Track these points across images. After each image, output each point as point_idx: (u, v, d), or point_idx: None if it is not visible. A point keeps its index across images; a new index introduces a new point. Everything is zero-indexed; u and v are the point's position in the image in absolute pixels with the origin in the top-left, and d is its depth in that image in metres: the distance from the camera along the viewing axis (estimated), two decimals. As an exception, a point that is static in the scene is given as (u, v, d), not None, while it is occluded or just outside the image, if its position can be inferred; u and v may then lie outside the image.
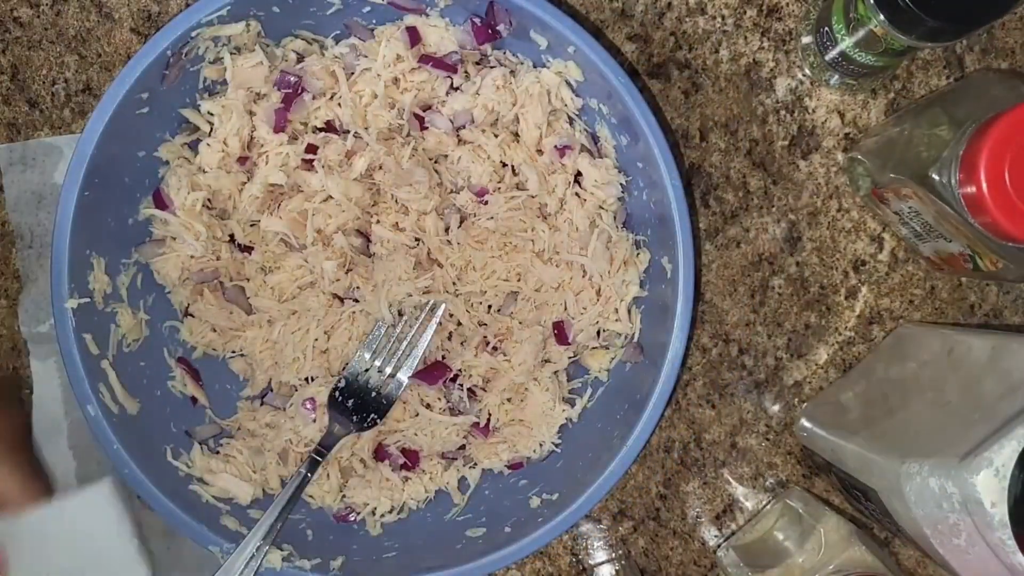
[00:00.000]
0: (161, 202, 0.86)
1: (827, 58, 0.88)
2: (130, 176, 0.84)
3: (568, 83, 0.85)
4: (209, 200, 0.87)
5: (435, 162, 0.88)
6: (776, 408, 0.94)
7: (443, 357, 0.88)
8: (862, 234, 0.93)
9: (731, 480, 0.94)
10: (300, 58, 0.86)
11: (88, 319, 0.81)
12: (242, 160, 0.87)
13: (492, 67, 0.87)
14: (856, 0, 0.79)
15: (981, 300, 0.93)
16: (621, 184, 0.87)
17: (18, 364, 0.96)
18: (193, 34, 0.80)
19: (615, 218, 0.88)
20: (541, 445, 0.90)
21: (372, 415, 0.87)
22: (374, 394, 0.87)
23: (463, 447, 0.91)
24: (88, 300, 0.81)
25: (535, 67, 0.86)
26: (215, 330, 0.89)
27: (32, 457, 0.88)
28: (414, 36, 0.86)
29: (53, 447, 0.95)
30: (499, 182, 0.87)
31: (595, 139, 0.88)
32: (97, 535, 0.86)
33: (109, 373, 0.82)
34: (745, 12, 0.93)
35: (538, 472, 0.89)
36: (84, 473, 0.95)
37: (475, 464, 0.91)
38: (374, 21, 0.86)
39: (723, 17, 0.93)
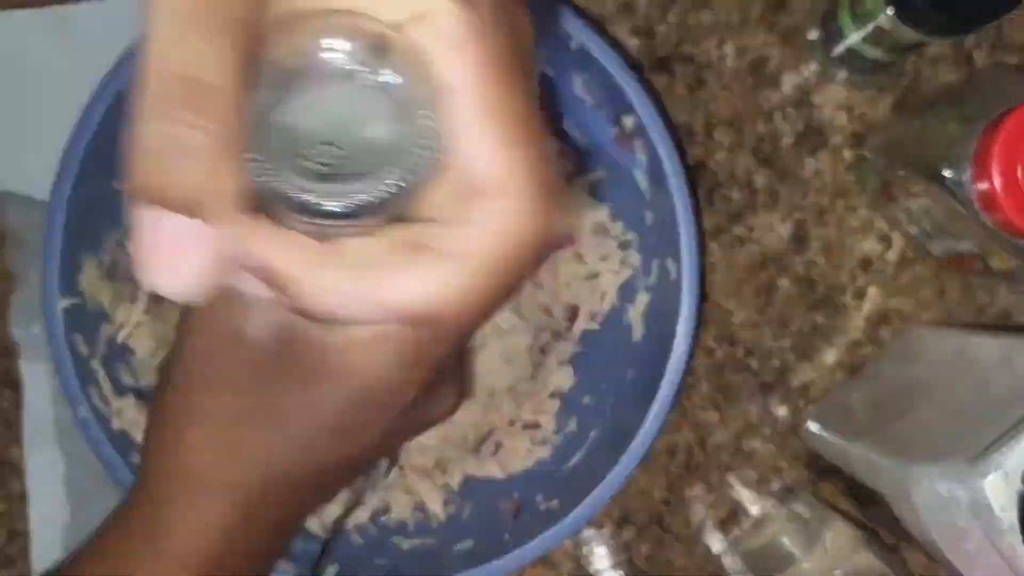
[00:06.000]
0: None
1: (834, 53, 0.87)
2: (123, 174, 0.83)
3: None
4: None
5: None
6: (783, 411, 0.93)
7: None
8: (870, 233, 0.92)
9: (736, 484, 0.93)
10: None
11: (79, 320, 0.80)
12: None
13: None
14: (864, -6, 0.79)
15: (991, 301, 0.92)
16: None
17: (8, 365, 0.95)
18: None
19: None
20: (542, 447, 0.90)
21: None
22: None
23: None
24: (79, 300, 0.80)
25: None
26: None
27: None
28: None
29: (43, 449, 0.95)
30: None
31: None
32: None
33: (99, 373, 0.81)
34: (751, 6, 0.92)
35: (539, 478, 0.88)
36: (73, 475, 0.94)
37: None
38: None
39: (728, 11, 0.92)
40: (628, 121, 0.81)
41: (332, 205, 0.39)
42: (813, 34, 0.90)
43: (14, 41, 0.93)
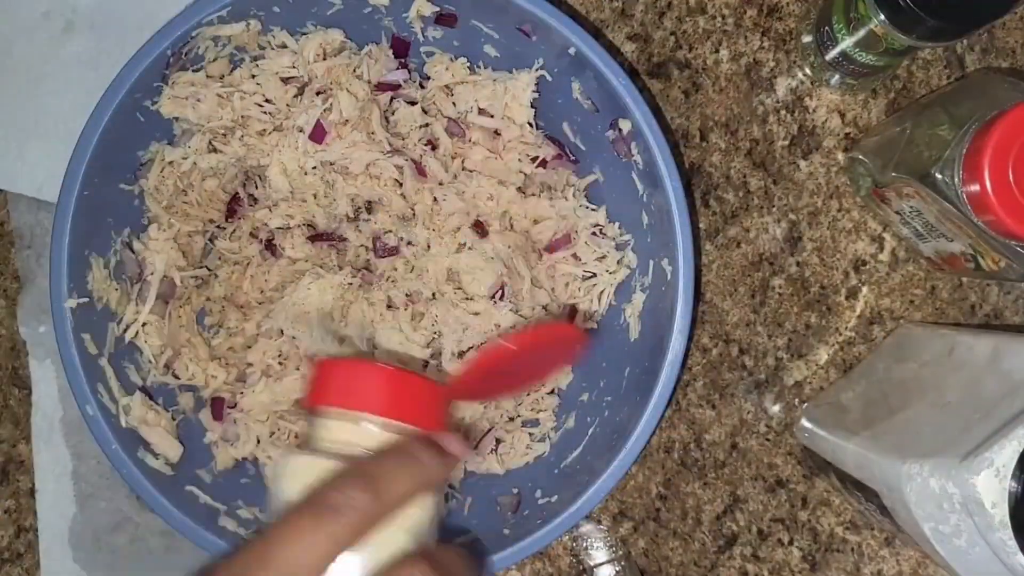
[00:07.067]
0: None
1: (827, 58, 0.88)
2: (130, 175, 0.84)
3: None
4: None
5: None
6: (776, 408, 0.94)
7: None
8: (863, 234, 0.93)
9: (731, 480, 0.94)
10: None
11: (87, 319, 0.81)
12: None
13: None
14: (856, 0, 0.79)
15: (982, 300, 0.93)
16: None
17: (17, 364, 0.96)
18: (193, 34, 0.80)
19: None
20: (541, 443, 0.90)
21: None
22: None
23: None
24: (87, 300, 0.81)
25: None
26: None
27: None
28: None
29: (51, 447, 0.95)
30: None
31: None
32: None
33: (107, 371, 0.82)
34: (745, 12, 0.93)
35: (537, 473, 0.89)
36: (80, 472, 0.95)
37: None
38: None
39: (723, 17, 0.93)
40: (625, 125, 0.82)
41: None
42: (807, 39, 0.91)
43: (23, 46, 0.94)
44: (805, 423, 0.90)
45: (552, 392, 0.92)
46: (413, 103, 0.88)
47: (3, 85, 0.94)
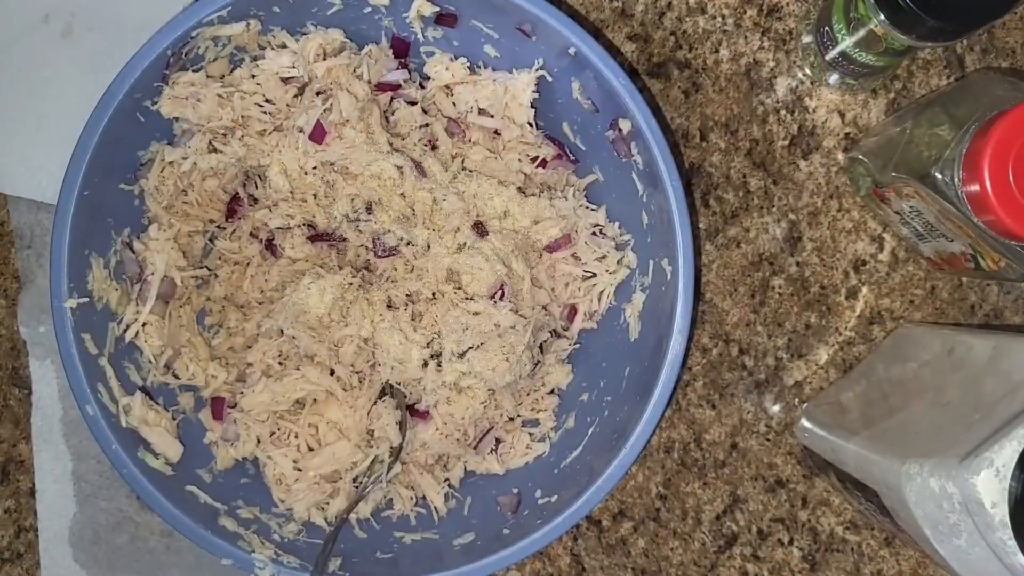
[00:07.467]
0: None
1: (827, 58, 0.88)
2: (130, 175, 0.84)
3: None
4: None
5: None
6: (776, 408, 0.94)
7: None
8: (862, 234, 0.93)
9: (731, 480, 0.94)
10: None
11: (87, 319, 0.81)
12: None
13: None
14: (856, -1, 0.79)
15: (982, 300, 0.93)
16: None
17: (17, 364, 0.96)
18: (193, 34, 0.80)
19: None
20: (541, 443, 0.90)
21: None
22: None
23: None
24: (87, 300, 0.81)
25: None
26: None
27: None
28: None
29: (50, 447, 0.95)
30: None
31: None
32: None
33: (107, 371, 0.82)
34: (745, 12, 0.93)
35: (537, 473, 0.89)
36: (80, 472, 0.95)
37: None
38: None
39: (723, 17, 0.93)
40: (625, 124, 0.82)
41: None
42: (807, 39, 0.91)
43: (23, 50, 0.94)
44: (805, 423, 0.90)
45: (552, 392, 0.92)
46: (413, 103, 0.88)
47: (4, 89, 0.94)
